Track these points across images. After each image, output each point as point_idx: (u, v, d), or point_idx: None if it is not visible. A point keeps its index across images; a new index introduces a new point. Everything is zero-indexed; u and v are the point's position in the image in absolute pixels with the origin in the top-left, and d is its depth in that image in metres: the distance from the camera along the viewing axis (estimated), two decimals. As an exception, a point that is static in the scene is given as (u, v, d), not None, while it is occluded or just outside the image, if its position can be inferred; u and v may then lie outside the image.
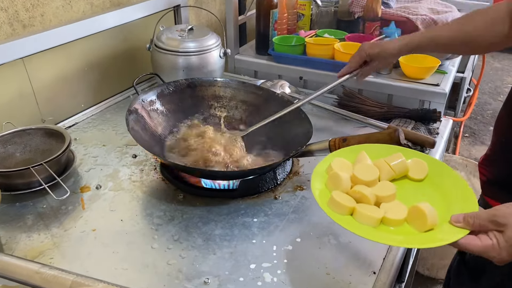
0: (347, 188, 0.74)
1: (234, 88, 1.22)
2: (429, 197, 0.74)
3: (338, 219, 0.69)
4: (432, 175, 0.78)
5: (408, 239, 0.67)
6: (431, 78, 1.40)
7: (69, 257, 0.81)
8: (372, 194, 0.72)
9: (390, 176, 0.77)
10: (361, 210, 0.70)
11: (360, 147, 0.85)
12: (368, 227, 0.68)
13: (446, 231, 0.65)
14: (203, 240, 0.85)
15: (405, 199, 0.72)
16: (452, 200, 0.72)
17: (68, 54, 1.25)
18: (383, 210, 0.70)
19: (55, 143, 1.04)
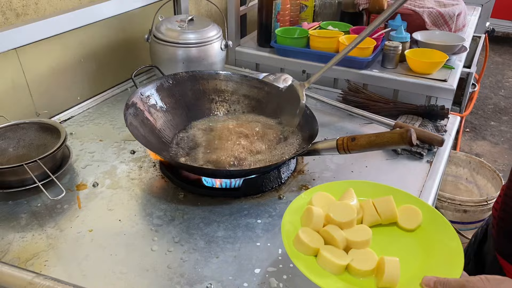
0: (318, 226, 0.69)
1: (236, 82, 1.18)
2: (410, 251, 0.68)
3: (297, 258, 0.64)
4: (426, 226, 0.71)
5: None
6: (438, 73, 1.37)
7: (64, 260, 0.78)
8: (343, 237, 0.67)
9: (374, 220, 0.72)
10: (324, 254, 0.64)
11: (350, 183, 0.79)
12: (328, 273, 0.63)
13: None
14: (205, 242, 0.81)
15: (381, 248, 0.67)
16: (436, 259, 0.65)
17: (64, 44, 1.20)
18: (350, 257, 0.65)
19: (50, 138, 1.00)
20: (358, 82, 1.38)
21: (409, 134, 0.80)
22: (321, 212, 0.70)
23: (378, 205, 0.72)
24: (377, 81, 1.38)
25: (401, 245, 0.70)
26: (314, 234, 0.68)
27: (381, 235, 0.70)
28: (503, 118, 3.15)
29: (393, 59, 1.40)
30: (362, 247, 0.67)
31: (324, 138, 1.11)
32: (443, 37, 1.51)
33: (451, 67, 1.40)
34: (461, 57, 1.49)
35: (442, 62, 1.35)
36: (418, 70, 1.37)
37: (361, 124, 1.21)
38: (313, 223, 0.69)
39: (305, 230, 0.68)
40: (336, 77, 1.44)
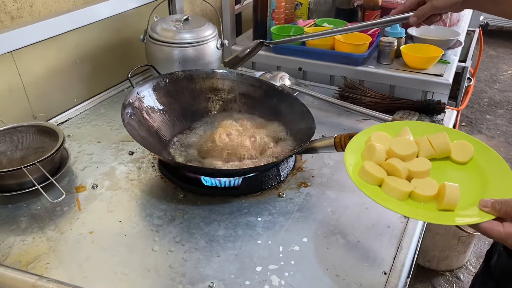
0: (380, 160, 0.73)
1: (233, 81, 1.18)
2: (466, 181, 0.71)
3: (363, 187, 0.68)
4: (477, 159, 0.75)
5: (427, 214, 0.66)
6: (433, 68, 1.37)
7: (66, 262, 0.78)
8: (405, 168, 0.71)
9: (429, 154, 0.75)
10: (389, 182, 0.68)
11: (403, 123, 0.83)
12: (393, 199, 0.67)
13: (471, 213, 0.63)
14: (206, 241, 0.82)
15: (439, 178, 0.70)
16: (491, 186, 0.69)
17: (59, 46, 1.19)
18: (412, 185, 0.69)
19: (48, 141, 1.00)
20: (354, 78, 1.38)
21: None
22: (383, 147, 0.74)
23: (433, 141, 0.75)
24: (373, 77, 1.38)
25: (457, 176, 0.74)
26: (377, 166, 0.72)
27: (437, 168, 0.73)
28: (499, 112, 3.17)
29: (388, 55, 1.40)
30: (423, 177, 0.70)
31: (322, 135, 1.12)
32: (438, 32, 1.52)
33: (447, 62, 1.41)
34: (456, 51, 1.49)
35: (438, 57, 1.35)
36: (413, 65, 1.38)
37: (358, 120, 1.21)
38: (376, 157, 0.73)
39: (369, 163, 0.72)
40: (332, 74, 1.44)
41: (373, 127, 0.83)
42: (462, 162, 0.75)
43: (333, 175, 0.99)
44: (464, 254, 1.83)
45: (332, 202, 0.91)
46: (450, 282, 1.82)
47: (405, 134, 0.79)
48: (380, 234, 0.83)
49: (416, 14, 0.94)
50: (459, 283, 1.81)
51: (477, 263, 1.91)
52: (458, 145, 0.76)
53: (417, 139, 0.77)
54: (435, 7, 0.92)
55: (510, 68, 3.89)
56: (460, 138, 0.78)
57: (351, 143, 0.79)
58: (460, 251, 1.79)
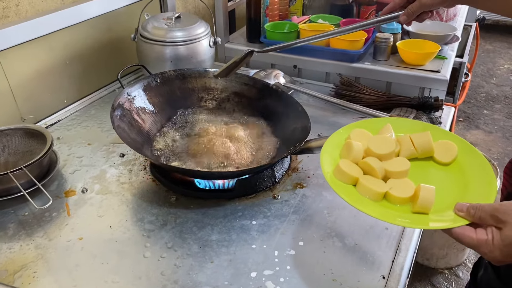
0: (357, 159, 0.71)
1: (226, 79, 1.15)
2: (446, 182, 0.69)
3: (336, 186, 0.67)
4: (461, 160, 0.72)
5: (400, 217, 0.63)
6: (430, 64, 1.35)
7: (54, 270, 0.75)
8: (381, 168, 0.69)
9: (411, 153, 0.73)
10: (363, 182, 0.67)
11: (386, 119, 0.81)
12: (367, 200, 0.65)
13: (446, 217, 0.61)
14: (199, 246, 0.79)
15: (418, 179, 0.68)
16: (470, 190, 0.67)
17: (47, 46, 1.16)
18: (388, 186, 0.67)
19: (36, 144, 0.97)
20: (350, 75, 1.36)
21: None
22: (361, 145, 0.72)
23: (415, 140, 0.73)
24: (369, 74, 1.36)
25: (436, 177, 0.71)
26: (353, 165, 0.70)
27: (417, 168, 0.71)
28: (496, 106, 3.15)
29: (384, 51, 1.38)
30: (400, 177, 0.68)
31: (317, 135, 1.10)
32: (435, 27, 1.50)
33: (444, 57, 1.39)
34: (453, 47, 1.47)
35: (435, 52, 1.33)
36: (410, 62, 1.35)
37: (354, 118, 1.19)
38: (353, 155, 0.71)
39: (345, 162, 0.70)
40: (328, 71, 1.42)
41: (354, 123, 0.81)
42: (444, 163, 0.73)
43: (330, 176, 0.97)
44: (463, 252, 1.82)
45: (329, 203, 0.89)
46: (449, 280, 1.80)
47: (386, 131, 0.76)
48: (378, 236, 0.81)
49: (405, 12, 0.92)
50: (458, 281, 1.80)
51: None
52: (442, 144, 0.74)
53: (399, 138, 0.75)
54: (424, 4, 0.89)
55: (507, 62, 3.87)
56: (446, 137, 0.76)
57: (329, 140, 0.76)
58: (459, 248, 1.77)
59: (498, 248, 0.55)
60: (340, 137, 0.78)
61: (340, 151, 0.75)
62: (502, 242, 0.55)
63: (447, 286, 1.78)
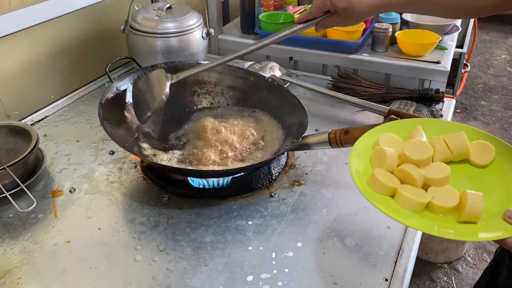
0: (392, 167, 0.66)
1: (220, 72, 1.11)
2: (489, 187, 0.64)
3: (374, 199, 0.61)
4: (500, 162, 0.68)
5: (446, 229, 0.59)
6: (430, 55, 1.31)
7: (40, 276, 0.71)
8: (420, 175, 0.64)
9: (445, 157, 0.68)
10: (403, 192, 0.61)
11: (415, 121, 0.75)
12: (408, 212, 0.60)
13: (495, 226, 0.57)
14: (192, 249, 0.75)
15: (458, 185, 0.63)
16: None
17: (33, 39, 1.11)
18: (430, 195, 0.62)
19: (21, 142, 0.93)
20: (348, 67, 1.31)
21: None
22: (394, 152, 0.67)
23: (449, 142, 0.69)
24: (367, 66, 1.32)
25: (477, 181, 0.67)
26: (389, 174, 0.65)
27: (454, 173, 0.66)
28: (493, 97, 3.12)
29: (383, 42, 1.34)
30: (441, 185, 0.64)
31: (315, 129, 1.06)
32: (434, 16, 1.45)
33: (444, 48, 1.35)
34: (453, 37, 1.43)
35: (435, 43, 1.29)
36: (410, 53, 1.31)
37: (353, 111, 1.15)
38: (387, 163, 0.66)
39: (380, 171, 0.65)
40: (325, 63, 1.38)
41: (380, 127, 0.75)
42: (482, 165, 0.68)
43: (328, 172, 0.93)
44: (462, 246, 1.79)
45: (328, 202, 0.85)
46: (449, 275, 1.78)
47: (417, 135, 0.71)
48: (380, 236, 0.78)
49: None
50: (458, 275, 1.77)
51: (476, 254, 1.88)
52: (478, 145, 0.69)
53: (431, 140, 0.70)
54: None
55: (504, 52, 3.84)
56: (480, 137, 0.71)
57: (356, 147, 0.70)
58: (459, 242, 1.75)
59: None
60: (366, 143, 0.72)
61: (369, 159, 0.69)
62: None
63: (446, 280, 1.76)
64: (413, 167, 0.65)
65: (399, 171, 0.65)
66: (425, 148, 0.67)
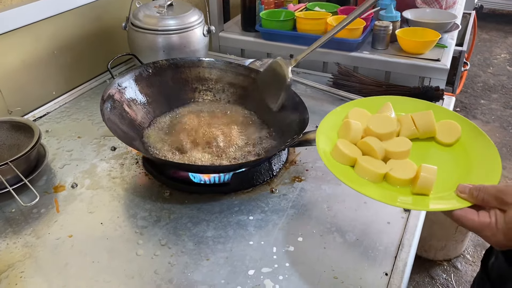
0: (356, 139, 0.68)
1: (221, 69, 1.11)
2: (448, 164, 0.66)
3: (334, 167, 0.63)
4: (464, 141, 0.69)
5: (399, 198, 0.61)
6: (430, 53, 1.32)
7: (43, 270, 0.72)
8: (381, 148, 0.66)
9: (411, 133, 0.69)
10: (362, 162, 0.64)
11: (386, 98, 0.76)
12: (366, 181, 0.62)
13: (447, 199, 0.58)
14: (194, 243, 0.76)
15: (419, 160, 0.64)
16: (474, 171, 0.64)
17: (34, 36, 1.12)
18: (388, 167, 0.64)
19: (23, 138, 0.93)
20: (348, 65, 1.32)
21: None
22: (360, 125, 0.69)
23: (416, 119, 0.70)
24: (368, 63, 1.33)
25: (438, 158, 0.68)
26: (352, 145, 0.67)
27: (419, 149, 0.68)
28: (493, 96, 3.13)
29: (383, 40, 1.34)
30: (401, 158, 0.65)
31: (316, 126, 1.06)
32: (434, 14, 1.46)
33: (444, 46, 1.35)
34: (453, 35, 1.44)
35: (435, 41, 1.29)
36: (410, 50, 1.32)
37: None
38: (351, 135, 0.68)
39: (343, 142, 0.67)
40: (325, 61, 1.38)
41: (352, 102, 0.77)
42: (447, 144, 0.69)
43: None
44: (461, 243, 1.80)
45: (328, 197, 0.86)
46: (448, 272, 1.79)
47: (386, 110, 0.72)
48: (380, 231, 0.78)
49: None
50: (457, 273, 1.78)
51: (475, 251, 1.88)
52: (445, 124, 0.71)
53: (399, 117, 0.71)
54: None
55: (503, 51, 3.84)
56: (449, 117, 0.72)
57: (326, 119, 0.73)
58: (458, 240, 1.76)
59: (501, 232, 0.53)
60: (337, 116, 0.74)
61: (337, 131, 0.71)
62: (506, 225, 0.52)
63: (445, 278, 1.76)
64: (375, 139, 0.67)
65: (361, 143, 0.67)
66: (389, 123, 0.69)
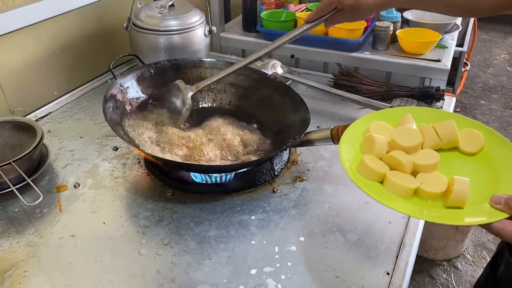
0: (381, 153, 0.67)
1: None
2: (476, 174, 0.65)
3: (363, 184, 0.62)
4: (488, 149, 0.69)
5: (432, 213, 0.60)
6: (431, 53, 1.32)
7: (46, 269, 0.72)
8: (409, 162, 0.64)
9: (435, 144, 0.69)
10: (391, 178, 0.62)
11: (405, 109, 0.76)
12: (396, 197, 0.61)
13: (482, 211, 0.58)
14: (196, 243, 0.76)
15: (446, 172, 0.64)
16: (503, 180, 0.63)
17: (36, 36, 1.12)
18: (418, 181, 0.62)
19: (25, 138, 0.93)
20: (349, 65, 1.32)
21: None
22: (383, 139, 0.68)
23: (439, 129, 0.69)
24: (368, 64, 1.33)
25: (465, 169, 0.67)
26: (378, 161, 0.66)
27: (443, 160, 0.67)
28: (493, 97, 3.13)
29: (384, 40, 1.35)
30: (430, 171, 0.64)
31: (317, 126, 1.07)
32: (435, 15, 1.46)
33: (444, 47, 1.36)
34: (453, 35, 1.44)
35: (435, 41, 1.30)
36: (410, 51, 1.32)
37: (354, 109, 1.16)
38: (376, 150, 0.66)
39: (369, 157, 0.65)
40: (326, 61, 1.39)
41: (371, 115, 0.76)
42: (471, 153, 0.69)
43: (330, 168, 0.94)
44: (462, 243, 1.80)
45: (330, 197, 0.87)
46: (448, 272, 1.79)
47: (407, 122, 0.72)
48: (381, 231, 0.79)
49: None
50: (457, 273, 1.79)
51: (475, 251, 1.89)
52: (467, 133, 0.70)
53: (421, 128, 0.71)
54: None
55: (503, 52, 3.85)
56: (469, 125, 0.72)
57: (346, 134, 0.72)
58: (458, 240, 1.76)
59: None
60: (357, 130, 0.73)
61: (360, 146, 0.70)
62: None
63: (445, 278, 1.77)
64: (402, 153, 0.66)
65: (388, 157, 0.66)
66: (414, 135, 0.68)
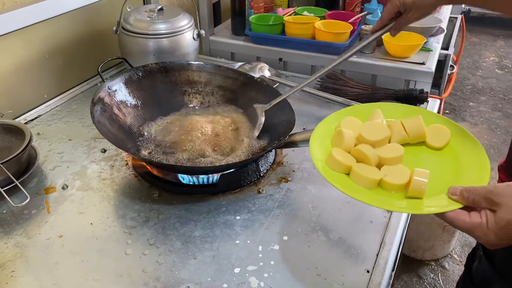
0: (349, 147, 0.69)
1: (210, 72, 1.14)
2: (439, 167, 0.68)
3: (329, 176, 0.65)
4: (454, 144, 0.71)
5: (394, 203, 0.63)
6: (416, 56, 1.35)
7: (33, 269, 0.73)
8: (374, 155, 0.67)
9: (402, 139, 0.71)
10: (356, 170, 0.65)
11: (376, 105, 0.79)
12: (361, 188, 0.64)
13: (440, 201, 0.60)
14: (181, 243, 0.78)
15: (411, 165, 0.66)
16: (464, 173, 0.66)
17: (26, 40, 1.13)
18: (382, 173, 0.65)
19: (14, 140, 0.95)
20: (336, 68, 1.34)
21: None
22: (352, 133, 0.71)
23: (406, 124, 0.72)
24: (354, 67, 1.35)
25: (429, 162, 0.70)
26: (346, 154, 0.69)
27: (410, 154, 0.70)
28: (481, 99, 3.17)
29: (370, 44, 1.37)
30: (395, 164, 0.67)
31: (303, 128, 1.09)
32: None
33: (429, 50, 1.38)
34: (438, 39, 1.47)
35: (420, 44, 1.33)
36: (395, 54, 1.35)
37: (340, 111, 1.18)
38: (345, 144, 0.69)
39: (337, 150, 0.68)
40: (313, 64, 1.41)
41: (343, 110, 0.79)
42: (437, 148, 0.72)
43: (314, 169, 0.95)
44: (449, 243, 1.83)
45: (313, 198, 0.88)
46: (436, 272, 1.82)
47: (376, 117, 0.75)
48: (363, 230, 0.81)
49: (395, 27, 0.96)
50: (444, 272, 1.81)
51: (462, 251, 1.91)
52: (434, 129, 0.73)
53: (389, 123, 0.73)
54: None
55: (492, 54, 3.90)
56: (438, 121, 0.74)
57: (318, 128, 0.75)
58: (445, 240, 1.79)
59: (492, 231, 0.54)
60: (328, 126, 0.76)
61: (330, 140, 0.73)
62: (496, 225, 0.54)
63: (433, 277, 1.79)
64: (368, 147, 0.69)
65: (355, 150, 0.69)
66: (381, 130, 0.71)
